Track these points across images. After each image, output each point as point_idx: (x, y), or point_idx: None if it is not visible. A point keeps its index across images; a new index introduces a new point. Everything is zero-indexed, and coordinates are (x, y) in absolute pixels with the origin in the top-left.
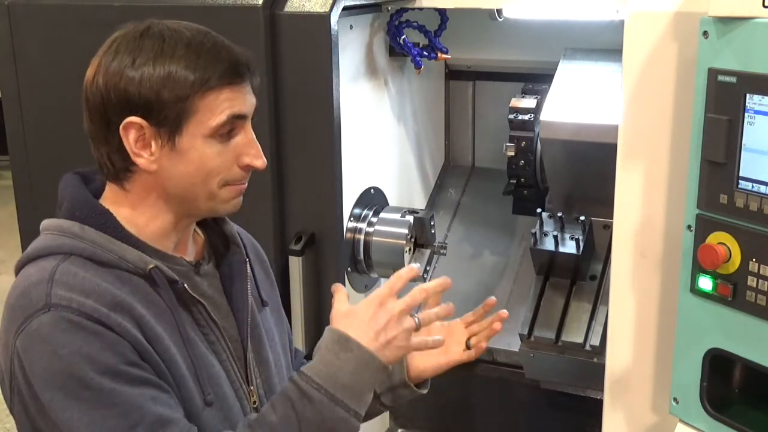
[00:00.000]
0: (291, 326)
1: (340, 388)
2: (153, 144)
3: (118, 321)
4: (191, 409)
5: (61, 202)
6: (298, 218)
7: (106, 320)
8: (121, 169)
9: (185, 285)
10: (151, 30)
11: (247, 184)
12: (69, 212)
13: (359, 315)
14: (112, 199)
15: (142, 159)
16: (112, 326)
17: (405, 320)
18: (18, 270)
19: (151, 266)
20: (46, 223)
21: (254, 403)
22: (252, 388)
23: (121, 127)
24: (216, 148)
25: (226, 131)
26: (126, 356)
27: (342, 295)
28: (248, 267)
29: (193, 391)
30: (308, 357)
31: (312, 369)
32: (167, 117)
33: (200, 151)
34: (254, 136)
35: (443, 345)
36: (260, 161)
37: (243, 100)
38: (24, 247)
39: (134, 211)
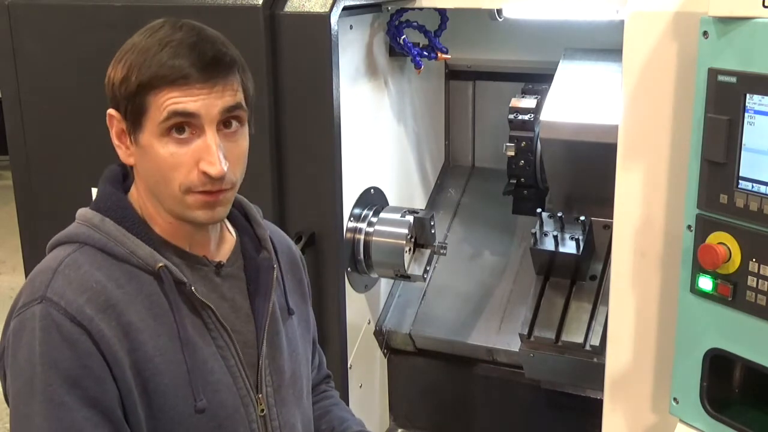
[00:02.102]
0: None
1: None
2: (128, 138)
3: (99, 327)
4: (173, 417)
5: (97, 192)
6: (298, 218)
7: (88, 324)
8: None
9: (193, 288)
10: (153, 27)
11: (219, 197)
12: (96, 203)
13: None
14: (132, 192)
15: (121, 151)
16: (92, 332)
17: None
18: (47, 253)
19: (159, 265)
20: (78, 211)
21: (262, 411)
22: (260, 396)
23: (106, 119)
24: (169, 149)
25: (180, 131)
26: (92, 369)
27: None
28: (275, 273)
29: (179, 398)
30: None
31: None
32: (128, 111)
33: (155, 150)
34: (216, 140)
35: None
36: (213, 168)
37: (198, 98)
38: (24, 247)
39: (145, 205)
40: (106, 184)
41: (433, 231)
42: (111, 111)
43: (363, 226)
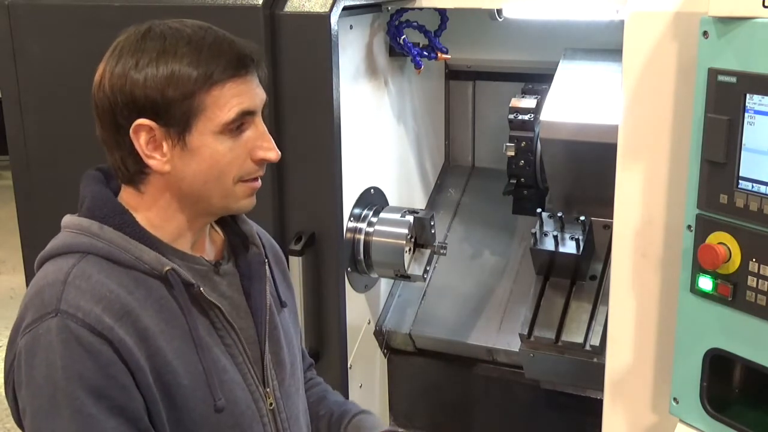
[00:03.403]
0: None
1: None
2: (164, 145)
3: (120, 336)
4: (194, 418)
5: (83, 199)
6: (298, 218)
7: (108, 334)
8: (136, 172)
9: (201, 289)
10: (152, 31)
11: (260, 182)
12: (89, 211)
13: None
14: (128, 201)
15: (155, 161)
16: (113, 341)
17: None
18: (38, 267)
19: (167, 268)
20: (66, 220)
21: (270, 405)
22: (268, 390)
23: (131, 130)
24: (227, 144)
25: (236, 126)
26: (116, 379)
27: None
28: (267, 267)
29: (198, 400)
30: (312, 355)
31: None
32: (175, 116)
33: (212, 148)
34: (265, 128)
35: None
36: (274, 153)
37: (251, 94)
38: (24, 247)
39: (150, 213)
40: (97, 190)
41: (433, 231)
42: (142, 121)
43: (363, 226)
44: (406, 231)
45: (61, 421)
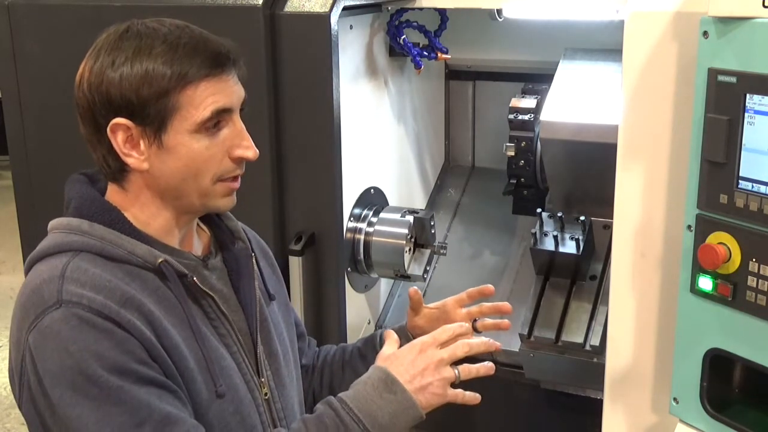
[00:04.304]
0: None
1: (377, 427)
2: (141, 143)
3: (128, 318)
4: (200, 402)
5: (69, 201)
6: (298, 218)
7: (116, 317)
8: (117, 169)
9: (194, 278)
10: (130, 30)
11: (239, 182)
12: (77, 210)
13: (400, 358)
14: (114, 199)
15: (132, 159)
16: (121, 323)
17: (444, 370)
18: (28, 269)
19: (160, 260)
20: (54, 223)
21: (265, 395)
22: (263, 380)
23: (108, 129)
24: (204, 143)
25: (213, 125)
26: (134, 354)
27: (392, 340)
28: (254, 262)
29: (202, 384)
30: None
31: (352, 400)
32: (150, 115)
33: (188, 146)
34: (243, 126)
35: (479, 400)
36: (251, 152)
37: (228, 92)
38: (24, 247)
39: (135, 209)
40: (83, 191)
41: (433, 231)
42: (118, 120)
43: (363, 226)
44: (406, 231)
45: (89, 403)
